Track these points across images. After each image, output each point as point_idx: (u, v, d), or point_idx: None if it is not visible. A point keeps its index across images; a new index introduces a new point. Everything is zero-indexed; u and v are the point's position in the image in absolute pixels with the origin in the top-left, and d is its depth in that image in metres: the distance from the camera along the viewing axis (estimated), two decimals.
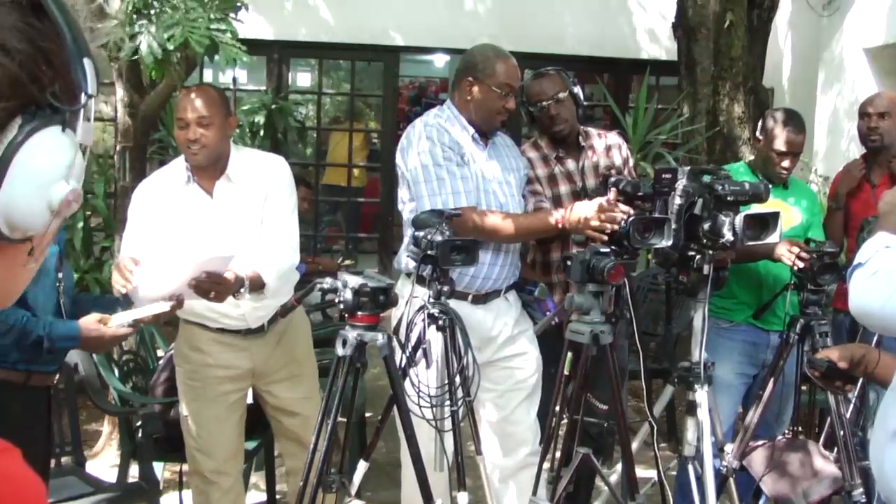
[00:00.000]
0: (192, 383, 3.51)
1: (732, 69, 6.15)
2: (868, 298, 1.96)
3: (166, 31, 3.47)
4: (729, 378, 3.88)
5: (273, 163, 3.50)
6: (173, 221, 3.34)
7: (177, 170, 3.42)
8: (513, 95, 3.51)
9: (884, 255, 2.03)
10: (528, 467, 3.33)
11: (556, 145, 3.87)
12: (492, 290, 3.53)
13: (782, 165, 3.88)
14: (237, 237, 3.34)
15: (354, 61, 9.42)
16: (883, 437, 2.05)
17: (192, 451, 3.56)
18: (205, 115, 3.26)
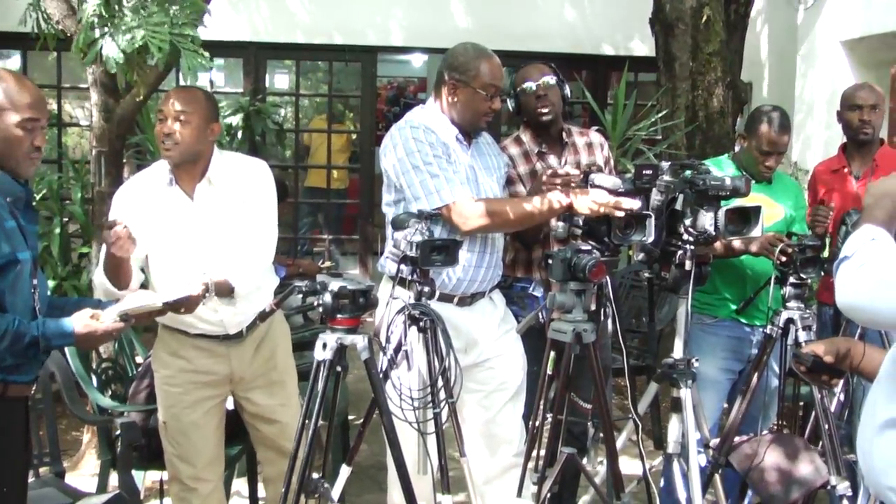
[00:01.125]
0: (171, 389, 3.48)
1: (710, 64, 6.14)
2: (856, 292, 1.94)
3: (125, 35, 3.41)
4: (714, 374, 3.87)
5: (254, 166, 3.49)
6: (155, 224, 3.33)
7: (159, 172, 3.41)
8: (497, 95, 3.48)
9: (870, 248, 2.00)
10: (514, 468, 3.30)
11: (538, 139, 3.84)
12: (477, 291, 3.50)
13: (766, 164, 3.86)
14: (217, 240, 3.33)
15: (332, 62, 9.37)
16: (870, 431, 2.03)
17: (170, 458, 3.53)
18: (183, 111, 3.25)
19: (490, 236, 3.49)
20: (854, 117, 4.21)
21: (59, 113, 8.48)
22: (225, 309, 3.33)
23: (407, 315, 3.01)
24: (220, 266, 3.25)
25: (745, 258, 3.85)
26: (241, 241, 3.35)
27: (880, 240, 2.01)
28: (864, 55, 7.52)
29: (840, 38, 7.55)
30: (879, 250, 1.98)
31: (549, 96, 3.80)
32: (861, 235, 2.05)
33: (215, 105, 3.48)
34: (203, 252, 3.34)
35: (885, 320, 1.95)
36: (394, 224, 3.14)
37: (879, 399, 2.02)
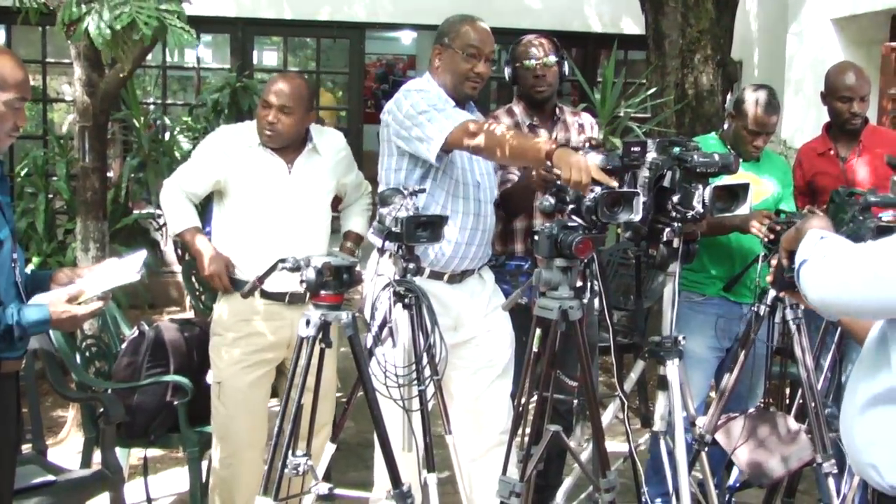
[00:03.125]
0: (232, 350, 3.59)
1: (700, 42, 6.11)
2: (824, 286, 1.95)
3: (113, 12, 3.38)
4: (701, 352, 3.86)
5: (341, 138, 3.91)
6: (243, 181, 3.65)
7: (250, 131, 3.70)
8: (481, 59, 3.39)
9: (824, 244, 2.02)
10: (500, 446, 3.28)
11: (530, 112, 3.83)
12: (467, 269, 3.47)
13: (754, 144, 3.83)
14: (310, 210, 3.69)
15: (319, 39, 9.31)
16: (852, 410, 2.03)
17: (222, 421, 3.64)
18: (286, 105, 3.55)
19: (482, 215, 3.46)
20: (844, 109, 4.15)
21: (44, 88, 8.41)
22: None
23: (392, 291, 2.98)
24: (306, 237, 3.58)
25: (733, 236, 3.83)
26: (326, 215, 3.74)
27: (830, 236, 2.05)
28: (855, 33, 7.50)
29: (830, 15, 7.53)
30: (834, 243, 2.01)
31: (547, 76, 3.81)
32: (810, 239, 2.07)
33: (314, 94, 3.81)
34: (295, 222, 3.60)
35: (859, 307, 1.94)
36: (380, 200, 3.11)
37: (861, 378, 2.02)
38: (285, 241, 3.48)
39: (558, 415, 3.72)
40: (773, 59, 8.05)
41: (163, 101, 8.81)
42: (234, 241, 3.63)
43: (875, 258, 1.87)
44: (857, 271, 1.88)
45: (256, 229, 3.59)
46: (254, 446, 3.65)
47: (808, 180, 4.28)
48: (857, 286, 1.87)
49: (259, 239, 3.57)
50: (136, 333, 3.99)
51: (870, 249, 1.92)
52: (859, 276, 1.87)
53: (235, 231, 3.64)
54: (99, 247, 5.07)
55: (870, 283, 1.85)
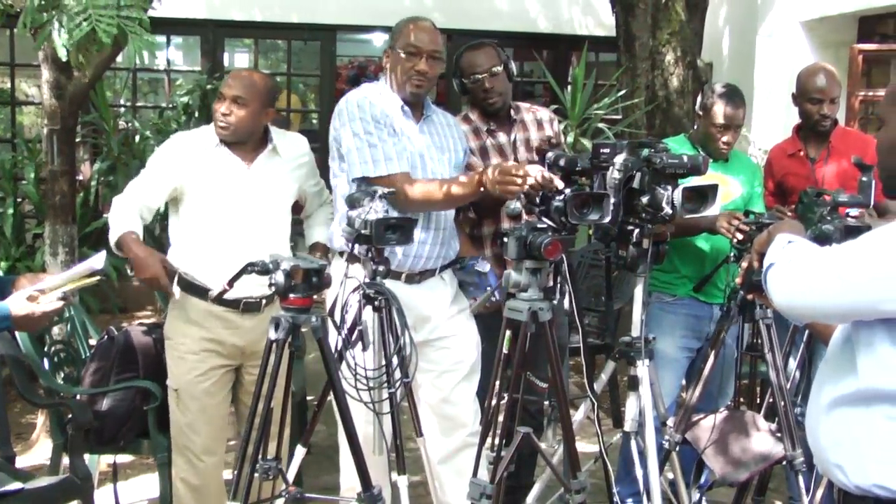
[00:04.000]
0: (187, 356, 3.53)
1: (671, 44, 6.15)
2: (790, 290, 1.95)
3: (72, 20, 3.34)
4: (672, 352, 3.87)
5: (304, 141, 3.81)
6: (201, 183, 3.55)
7: (207, 134, 3.60)
8: (422, 57, 3.40)
9: (791, 248, 2.03)
10: (469, 448, 3.28)
11: (487, 118, 3.84)
12: (425, 269, 3.46)
13: (723, 140, 3.85)
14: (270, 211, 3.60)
15: (290, 41, 9.28)
16: (817, 410, 2.04)
17: (180, 428, 3.57)
18: (240, 96, 3.47)
19: (436, 214, 3.46)
20: (814, 110, 4.17)
21: (12, 91, 8.33)
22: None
23: (362, 294, 2.97)
24: (265, 237, 3.50)
25: (703, 237, 3.85)
26: (286, 218, 3.64)
27: (797, 240, 2.05)
28: (823, 35, 7.56)
29: (799, 18, 7.59)
30: (800, 248, 2.02)
31: (496, 87, 3.78)
32: (777, 243, 2.08)
33: (274, 90, 3.68)
34: (254, 222, 3.52)
35: (823, 311, 1.94)
36: (349, 202, 3.10)
37: (826, 379, 2.03)
38: (244, 243, 3.42)
39: (530, 416, 3.73)
40: (742, 61, 8.10)
41: (133, 104, 8.75)
42: (193, 245, 3.54)
43: (839, 262, 1.87)
44: (821, 275, 1.88)
45: (215, 231, 3.51)
46: (214, 452, 3.59)
47: (777, 181, 4.30)
48: (822, 290, 1.88)
49: (218, 241, 3.49)
50: (105, 338, 3.95)
51: (834, 253, 1.92)
52: (824, 280, 1.87)
53: (194, 235, 3.55)
54: (68, 251, 5.03)
55: (834, 287, 1.86)
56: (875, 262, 1.82)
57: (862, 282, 1.82)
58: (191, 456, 3.54)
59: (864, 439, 1.93)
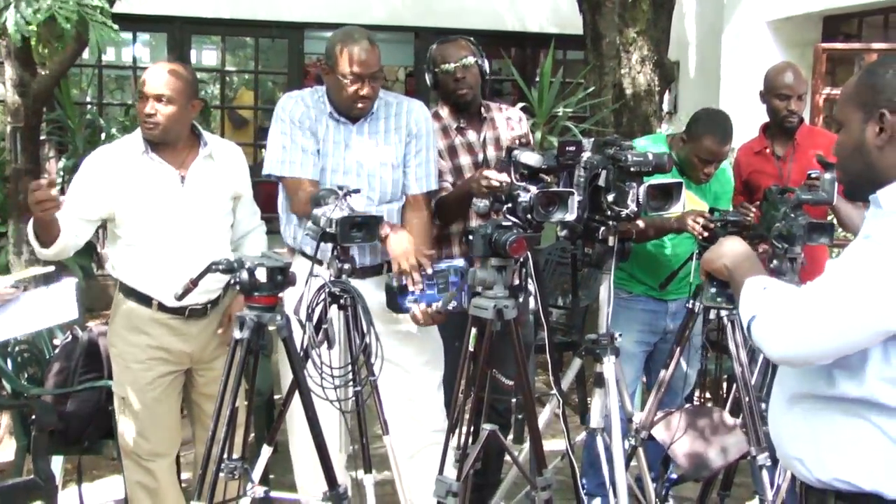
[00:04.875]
0: (132, 365, 3.44)
1: (638, 42, 6.18)
2: (785, 343, 1.89)
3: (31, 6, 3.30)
4: (629, 347, 3.88)
5: (238, 149, 3.66)
6: (132, 194, 3.40)
7: (134, 142, 3.44)
8: (364, 81, 3.35)
9: (770, 296, 1.97)
10: (434, 446, 3.28)
11: (457, 115, 3.83)
12: (371, 265, 3.44)
13: (705, 171, 3.79)
14: (207, 218, 3.47)
15: (258, 38, 9.24)
16: (779, 404, 2.06)
17: (127, 433, 3.48)
18: (164, 94, 3.30)
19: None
20: (781, 107, 4.19)
21: None
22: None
23: (327, 293, 2.96)
24: (205, 245, 3.36)
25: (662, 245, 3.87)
26: (226, 221, 3.52)
27: (771, 286, 2.00)
28: (788, 35, 7.64)
29: (765, 17, 7.66)
30: (779, 294, 1.96)
31: (467, 78, 3.77)
32: (751, 291, 2.02)
33: (195, 80, 3.52)
34: (194, 230, 3.40)
35: (822, 354, 1.87)
36: (313, 201, 3.09)
37: (788, 374, 2.04)
38: (186, 252, 3.33)
39: (497, 413, 3.73)
40: (709, 60, 8.16)
41: (98, 101, 8.67)
42: (133, 258, 3.42)
43: (824, 304, 1.84)
44: (812, 322, 1.84)
45: (155, 243, 3.38)
46: (164, 455, 3.53)
47: (744, 179, 4.34)
48: (818, 337, 1.84)
49: (159, 253, 3.38)
50: (69, 338, 3.92)
51: (816, 295, 1.87)
52: (816, 326, 1.84)
53: (133, 248, 3.41)
54: (32, 250, 4.96)
55: (828, 331, 1.82)
56: (879, 286, 1.79)
57: (870, 314, 1.79)
58: (140, 461, 3.48)
59: (825, 433, 1.94)
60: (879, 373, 1.85)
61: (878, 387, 1.85)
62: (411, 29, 8.55)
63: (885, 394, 1.85)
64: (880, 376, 1.85)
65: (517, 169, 3.19)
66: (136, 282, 3.42)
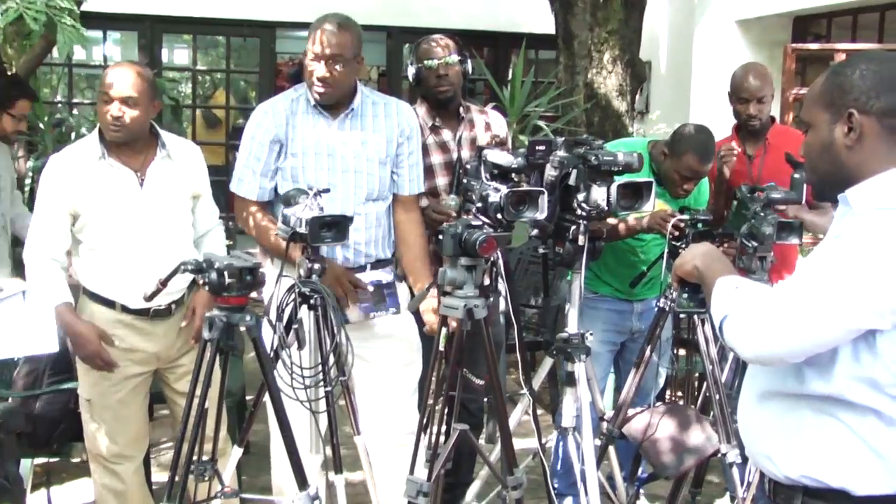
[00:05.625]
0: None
1: (609, 42, 6.20)
2: (759, 343, 1.88)
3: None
4: (595, 347, 3.88)
5: (196, 149, 3.64)
6: (92, 198, 3.38)
7: (89, 145, 3.41)
8: (320, 62, 3.32)
9: (742, 296, 1.96)
10: (406, 446, 3.27)
11: (433, 113, 3.83)
12: (352, 266, 3.41)
13: (684, 188, 3.79)
14: (167, 220, 3.45)
15: (229, 37, 9.19)
16: (749, 401, 2.07)
17: (94, 435, 3.46)
18: (130, 96, 3.28)
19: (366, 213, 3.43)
20: (741, 110, 4.21)
21: None
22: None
23: (297, 293, 2.95)
24: (167, 246, 3.35)
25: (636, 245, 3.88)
26: (186, 221, 3.50)
27: (743, 285, 2.00)
28: (759, 35, 7.69)
29: (735, 17, 7.71)
30: (751, 293, 1.96)
31: (449, 75, 3.80)
32: (722, 291, 2.01)
33: (155, 80, 3.51)
34: (155, 233, 3.38)
35: (797, 353, 1.87)
36: (283, 200, 3.07)
37: (758, 371, 2.05)
38: (149, 255, 3.32)
39: (469, 413, 3.74)
40: (680, 60, 8.20)
41: (69, 100, 8.60)
42: (95, 263, 3.40)
43: (796, 303, 1.84)
44: (784, 321, 1.84)
45: (117, 248, 3.35)
46: (131, 458, 3.51)
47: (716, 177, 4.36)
48: (790, 336, 1.83)
49: (121, 257, 3.35)
50: None
51: (788, 294, 1.87)
52: (788, 325, 1.83)
53: (95, 253, 3.38)
54: None
55: (800, 330, 1.82)
56: (850, 285, 1.79)
57: (841, 313, 1.79)
58: (106, 463, 3.46)
59: (794, 430, 1.95)
60: (849, 371, 1.86)
61: (847, 385, 1.86)
62: (384, 28, 8.53)
63: (853, 392, 1.86)
64: (849, 375, 1.86)
65: (487, 168, 3.19)
66: (99, 286, 3.40)
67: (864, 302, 1.78)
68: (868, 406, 1.86)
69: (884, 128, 1.90)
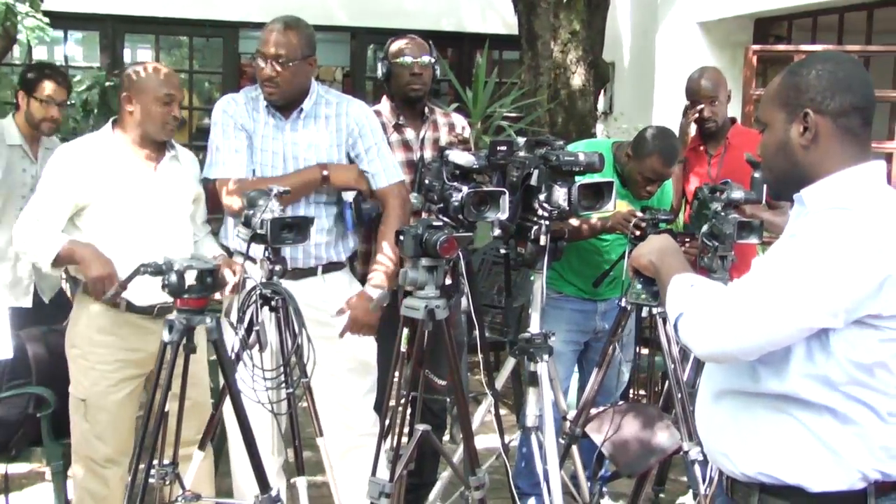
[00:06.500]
0: (99, 366, 3.37)
1: (573, 42, 6.22)
2: (713, 341, 1.90)
3: None
4: (559, 346, 3.90)
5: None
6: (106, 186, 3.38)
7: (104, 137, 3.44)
8: (267, 62, 3.36)
9: (697, 294, 1.98)
10: (366, 447, 3.27)
11: (398, 112, 3.85)
12: (298, 267, 3.42)
13: (648, 189, 3.83)
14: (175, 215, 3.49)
15: (192, 37, 9.13)
16: (706, 401, 2.09)
17: (85, 437, 3.41)
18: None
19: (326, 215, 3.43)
20: (693, 112, 4.30)
21: None
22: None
23: (258, 294, 2.93)
24: (173, 242, 3.36)
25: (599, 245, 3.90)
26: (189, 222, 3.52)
27: (698, 283, 2.02)
28: (720, 36, 7.75)
29: (697, 19, 7.77)
30: (706, 291, 1.98)
31: (423, 76, 3.85)
32: (678, 289, 2.03)
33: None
34: (161, 227, 3.38)
35: (751, 350, 1.89)
36: (247, 202, 3.05)
37: (715, 369, 2.07)
38: (153, 249, 3.26)
39: (432, 414, 3.74)
40: (643, 61, 8.24)
41: None
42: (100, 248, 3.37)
43: (750, 302, 1.86)
44: (737, 319, 1.86)
45: (123, 238, 3.35)
46: (119, 463, 3.48)
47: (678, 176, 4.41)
48: (743, 333, 1.85)
49: (127, 248, 3.33)
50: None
51: (741, 293, 1.89)
52: (741, 323, 1.85)
53: (100, 244, 3.34)
54: None
55: (753, 328, 1.84)
56: (802, 284, 1.81)
57: (793, 312, 1.81)
58: (94, 466, 3.42)
59: (749, 428, 1.97)
60: (802, 369, 1.88)
61: (800, 383, 1.89)
62: (347, 29, 8.51)
63: (807, 390, 1.88)
64: (803, 373, 1.88)
65: (449, 169, 3.19)
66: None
67: (816, 301, 1.80)
68: (822, 404, 1.88)
69: (838, 128, 1.93)
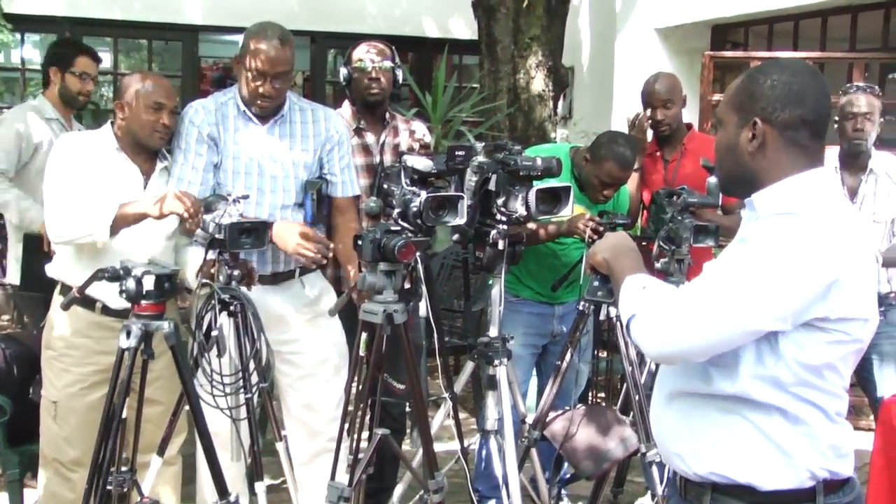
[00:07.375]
0: (73, 369, 3.34)
1: (532, 48, 6.27)
2: (662, 341, 1.93)
3: None
4: (517, 350, 3.93)
5: None
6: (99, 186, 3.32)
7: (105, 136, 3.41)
8: (267, 80, 3.33)
9: (649, 296, 2.00)
10: (328, 452, 3.27)
11: (359, 116, 3.86)
12: (279, 271, 3.43)
13: (605, 193, 3.85)
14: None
15: (151, 41, 9.07)
16: (660, 402, 2.11)
17: (53, 440, 3.38)
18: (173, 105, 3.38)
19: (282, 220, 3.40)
20: (647, 116, 4.35)
21: None
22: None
23: (217, 299, 2.93)
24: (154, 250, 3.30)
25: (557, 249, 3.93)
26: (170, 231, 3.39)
27: (651, 284, 2.04)
28: (677, 42, 7.84)
29: (654, 25, 7.84)
30: (658, 293, 2.00)
31: (381, 79, 3.86)
32: (630, 290, 2.05)
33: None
34: (146, 233, 3.30)
35: (701, 351, 1.92)
36: (204, 207, 3.05)
37: (667, 372, 2.09)
38: (138, 254, 3.19)
39: (391, 418, 3.74)
40: (602, 66, 8.31)
41: None
42: (83, 256, 3.33)
43: (699, 304, 1.88)
44: (687, 321, 1.89)
45: (105, 246, 3.26)
46: (86, 467, 3.45)
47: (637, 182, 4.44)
48: (692, 335, 1.88)
49: (108, 256, 3.23)
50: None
51: (691, 295, 1.92)
52: (690, 325, 1.88)
53: (80, 249, 3.32)
54: None
55: (702, 330, 1.87)
56: (751, 288, 1.84)
57: (740, 314, 1.84)
58: (61, 469, 3.39)
59: (701, 429, 2.00)
60: (752, 371, 1.91)
61: (751, 384, 1.92)
62: (307, 33, 8.49)
63: (757, 391, 1.92)
64: (753, 374, 1.91)
65: (407, 173, 3.20)
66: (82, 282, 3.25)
67: (764, 305, 1.84)
68: (772, 405, 1.92)
69: (784, 139, 1.96)
